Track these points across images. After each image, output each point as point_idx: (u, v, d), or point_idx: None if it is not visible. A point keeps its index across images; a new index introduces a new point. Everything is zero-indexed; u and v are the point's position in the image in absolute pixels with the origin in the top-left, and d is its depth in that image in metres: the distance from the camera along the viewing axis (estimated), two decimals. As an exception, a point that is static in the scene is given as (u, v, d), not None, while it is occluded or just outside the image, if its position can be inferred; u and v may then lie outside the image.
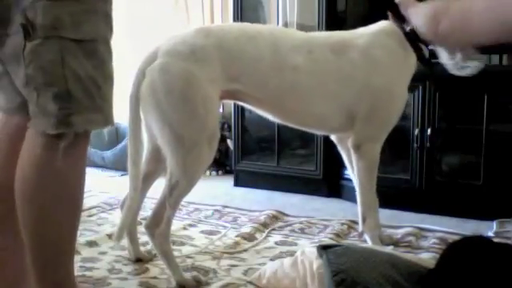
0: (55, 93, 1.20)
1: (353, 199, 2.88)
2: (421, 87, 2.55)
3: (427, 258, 1.89)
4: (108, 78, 1.29)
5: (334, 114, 1.93)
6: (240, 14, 3.19)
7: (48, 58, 1.19)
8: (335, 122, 1.96)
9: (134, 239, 1.96)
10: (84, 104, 1.23)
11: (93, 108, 1.24)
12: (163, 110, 1.67)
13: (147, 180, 1.87)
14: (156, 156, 1.82)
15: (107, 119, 1.30)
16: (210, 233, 2.31)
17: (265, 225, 2.38)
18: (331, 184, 3.00)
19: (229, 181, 3.28)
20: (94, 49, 1.23)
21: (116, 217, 2.53)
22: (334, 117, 1.94)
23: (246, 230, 2.30)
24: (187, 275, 1.76)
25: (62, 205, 1.28)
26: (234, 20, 3.21)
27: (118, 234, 1.76)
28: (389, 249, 1.96)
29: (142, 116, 1.76)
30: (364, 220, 2.05)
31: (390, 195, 2.22)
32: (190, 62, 1.71)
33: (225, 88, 1.79)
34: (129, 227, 1.89)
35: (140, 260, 1.96)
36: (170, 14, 4.09)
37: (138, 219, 2.03)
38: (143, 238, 2.08)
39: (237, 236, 2.23)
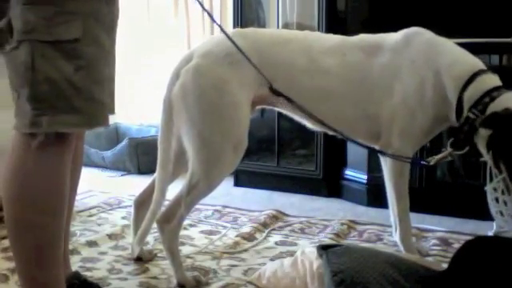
0: (27, 94, 1.22)
1: (353, 199, 2.90)
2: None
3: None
4: (97, 78, 1.28)
5: (362, 119, 1.86)
6: (240, 14, 3.19)
7: (19, 61, 1.21)
8: (364, 128, 1.88)
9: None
10: (57, 105, 1.23)
11: (69, 109, 1.24)
12: (192, 113, 1.68)
13: None
14: (178, 160, 1.81)
15: (91, 120, 1.28)
16: (210, 233, 2.31)
17: (265, 225, 2.38)
18: (331, 184, 3.00)
19: (229, 181, 3.28)
20: (77, 49, 1.23)
21: (116, 217, 2.54)
22: (362, 123, 1.87)
23: (246, 229, 2.30)
24: (188, 274, 1.76)
25: (38, 207, 1.28)
26: (234, 20, 3.22)
27: (140, 237, 1.75)
28: (393, 249, 1.96)
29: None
30: (396, 229, 1.99)
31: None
32: (224, 65, 1.71)
33: (258, 93, 1.78)
34: (137, 225, 1.90)
35: (140, 259, 1.96)
36: (170, 13, 4.09)
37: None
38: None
39: (237, 236, 2.23)
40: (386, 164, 1.94)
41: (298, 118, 1.95)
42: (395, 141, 1.86)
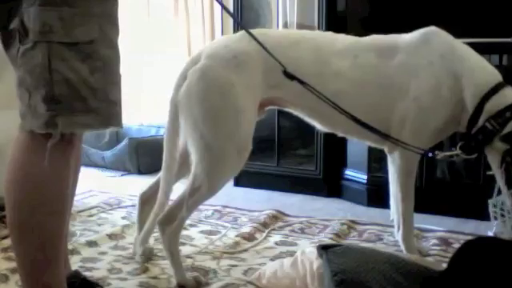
0: (43, 95, 1.22)
1: (353, 199, 2.90)
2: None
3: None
4: (112, 79, 1.30)
5: (374, 120, 1.82)
6: (240, 14, 3.20)
7: (35, 62, 1.21)
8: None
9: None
10: (73, 106, 1.23)
11: (84, 110, 1.24)
12: (196, 115, 1.67)
13: None
14: (184, 160, 1.80)
15: (106, 120, 1.29)
16: (210, 233, 2.31)
17: (265, 225, 2.38)
18: (331, 184, 3.00)
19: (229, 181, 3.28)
20: (93, 51, 1.24)
21: (116, 217, 2.54)
22: (374, 123, 1.81)
23: (246, 229, 2.30)
24: (188, 275, 1.76)
25: (45, 209, 1.28)
26: (234, 20, 3.21)
27: (143, 237, 1.77)
28: (393, 249, 1.96)
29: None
30: (398, 228, 1.99)
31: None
32: (231, 67, 1.69)
33: (266, 95, 1.77)
34: (142, 221, 1.91)
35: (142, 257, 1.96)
36: (170, 13, 4.09)
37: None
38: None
39: (237, 236, 2.23)
40: (393, 163, 1.94)
41: (308, 118, 1.93)
42: (405, 139, 1.84)
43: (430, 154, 1.80)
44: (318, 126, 1.95)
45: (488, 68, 1.85)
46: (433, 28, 1.88)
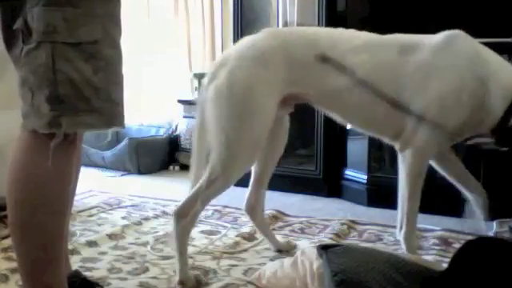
0: (46, 95, 1.22)
1: (353, 199, 2.90)
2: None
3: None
4: (115, 79, 1.30)
5: (392, 118, 1.83)
6: (240, 14, 3.20)
7: (39, 62, 1.21)
8: (394, 127, 1.86)
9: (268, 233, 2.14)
10: (77, 106, 1.24)
11: (88, 110, 1.25)
12: (222, 113, 1.73)
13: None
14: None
15: (109, 120, 1.30)
16: (210, 233, 2.31)
17: (265, 225, 2.38)
18: (331, 184, 3.00)
19: (229, 181, 3.28)
20: (96, 51, 1.24)
21: (116, 217, 2.54)
22: (392, 122, 1.84)
23: (246, 229, 2.30)
24: (190, 273, 1.76)
25: (46, 209, 1.29)
26: (234, 20, 3.22)
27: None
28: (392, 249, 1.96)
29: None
30: (401, 228, 1.99)
31: (391, 195, 2.23)
32: (256, 66, 1.75)
33: (287, 92, 1.81)
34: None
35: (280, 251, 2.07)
36: (170, 13, 4.09)
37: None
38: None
39: (237, 236, 2.23)
40: (404, 161, 1.93)
41: (330, 112, 1.94)
42: (420, 138, 1.84)
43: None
44: (340, 120, 1.97)
45: (510, 69, 1.87)
46: (457, 31, 1.89)
